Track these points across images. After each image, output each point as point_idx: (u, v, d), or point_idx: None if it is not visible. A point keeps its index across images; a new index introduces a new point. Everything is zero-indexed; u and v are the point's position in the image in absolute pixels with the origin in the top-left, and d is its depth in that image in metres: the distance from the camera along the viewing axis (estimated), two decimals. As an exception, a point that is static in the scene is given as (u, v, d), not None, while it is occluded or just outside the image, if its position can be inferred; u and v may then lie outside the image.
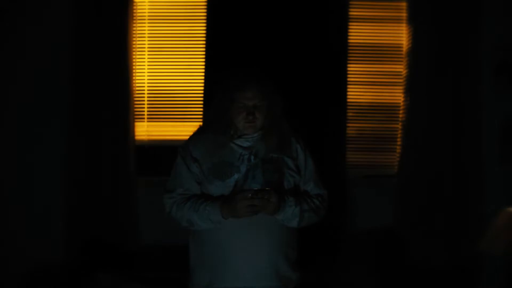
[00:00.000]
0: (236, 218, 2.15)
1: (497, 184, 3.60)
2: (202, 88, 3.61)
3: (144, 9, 3.68)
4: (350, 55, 3.67)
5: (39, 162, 3.53)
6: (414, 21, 3.60)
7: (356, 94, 3.72)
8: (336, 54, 3.62)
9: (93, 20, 3.48)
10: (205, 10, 3.62)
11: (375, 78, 3.74)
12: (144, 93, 3.68)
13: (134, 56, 3.62)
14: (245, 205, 2.11)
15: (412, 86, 3.61)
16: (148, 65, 3.69)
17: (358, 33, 3.72)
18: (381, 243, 3.61)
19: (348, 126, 3.68)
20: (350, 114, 3.70)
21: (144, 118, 3.69)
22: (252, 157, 2.24)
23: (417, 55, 3.59)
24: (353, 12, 3.69)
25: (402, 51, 3.70)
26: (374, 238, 3.61)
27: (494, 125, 3.63)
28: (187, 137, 2.37)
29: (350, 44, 3.67)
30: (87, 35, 3.48)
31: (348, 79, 3.66)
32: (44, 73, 3.54)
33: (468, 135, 3.58)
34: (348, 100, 3.67)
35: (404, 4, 3.67)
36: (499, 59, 3.61)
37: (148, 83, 3.69)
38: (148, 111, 3.69)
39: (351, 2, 3.67)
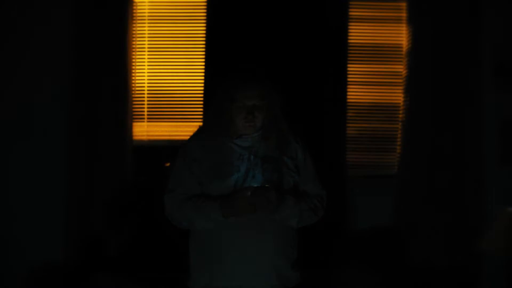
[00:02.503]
0: (236, 216, 2.16)
1: (497, 184, 3.60)
2: (202, 88, 3.61)
3: (144, 9, 3.68)
4: (350, 55, 3.68)
5: (39, 162, 3.54)
6: (414, 21, 3.60)
7: (356, 94, 3.72)
8: (336, 54, 3.62)
9: (93, 20, 3.49)
10: (205, 10, 3.63)
11: (375, 78, 3.74)
12: (144, 93, 3.69)
13: (134, 56, 3.62)
14: (245, 203, 2.12)
15: (412, 86, 3.61)
16: (148, 65, 3.70)
17: (358, 33, 3.72)
18: (381, 243, 3.61)
19: (348, 126, 3.68)
20: (350, 114, 3.70)
21: (144, 118, 3.69)
22: (252, 157, 2.24)
23: (417, 55, 3.59)
24: (353, 12, 3.69)
25: (402, 51, 3.71)
26: (374, 238, 3.61)
27: (494, 125, 3.63)
28: (187, 137, 2.37)
29: (350, 44, 3.68)
30: (87, 35, 3.49)
31: (348, 79, 3.66)
32: (44, 73, 3.54)
33: (468, 135, 3.58)
34: (348, 100, 3.67)
35: (404, 4, 3.67)
36: (499, 59, 3.61)
37: (148, 83, 3.69)
38: (148, 111, 3.69)
39: (351, 2, 3.68)
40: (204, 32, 3.62)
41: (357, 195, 3.64)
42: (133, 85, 3.62)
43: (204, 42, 3.61)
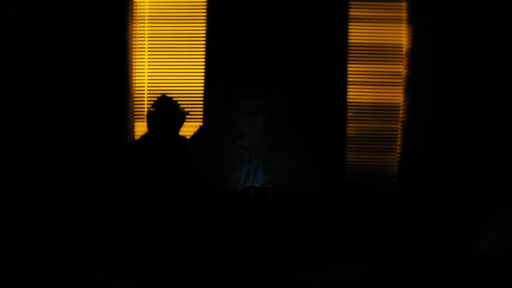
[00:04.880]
0: (237, 216, 2.16)
1: (497, 184, 3.60)
2: (202, 88, 3.61)
3: (144, 9, 3.68)
4: (350, 55, 3.68)
5: (38, 163, 3.54)
6: (414, 21, 3.61)
7: (356, 94, 3.72)
8: (336, 54, 3.62)
9: (93, 20, 3.49)
10: (205, 10, 3.63)
11: (375, 78, 3.74)
12: (144, 93, 3.69)
13: (134, 56, 3.63)
14: (246, 203, 2.12)
15: (412, 86, 3.61)
16: (148, 65, 3.70)
17: (358, 33, 3.72)
18: (380, 242, 3.61)
19: (348, 126, 3.68)
20: (350, 114, 3.70)
21: (144, 118, 3.68)
22: (253, 157, 2.24)
23: (417, 55, 3.59)
24: (353, 12, 3.69)
25: (402, 51, 3.71)
26: (374, 238, 3.61)
27: (494, 125, 3.63)
28: (188, 138, 2.37)
29: (350, 44, 3.68)
30: (87, 35, 3.49)
31: (348, 79, 3.66)
32: (43, 73, 3.54)
33: (467, 136, 3.58)
34: (348, 100, 3.67)
35: (404, 4, 3.67)
36: (498, 59, 3.61)
37: (148, 83, 3.69)
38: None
39: (351, 2, 3.68)
40: (204, 32, 3.62)
41: (357, 195, 3.64)
42: (133, 85, 3.62)
43: (204, 42, 3.61)
